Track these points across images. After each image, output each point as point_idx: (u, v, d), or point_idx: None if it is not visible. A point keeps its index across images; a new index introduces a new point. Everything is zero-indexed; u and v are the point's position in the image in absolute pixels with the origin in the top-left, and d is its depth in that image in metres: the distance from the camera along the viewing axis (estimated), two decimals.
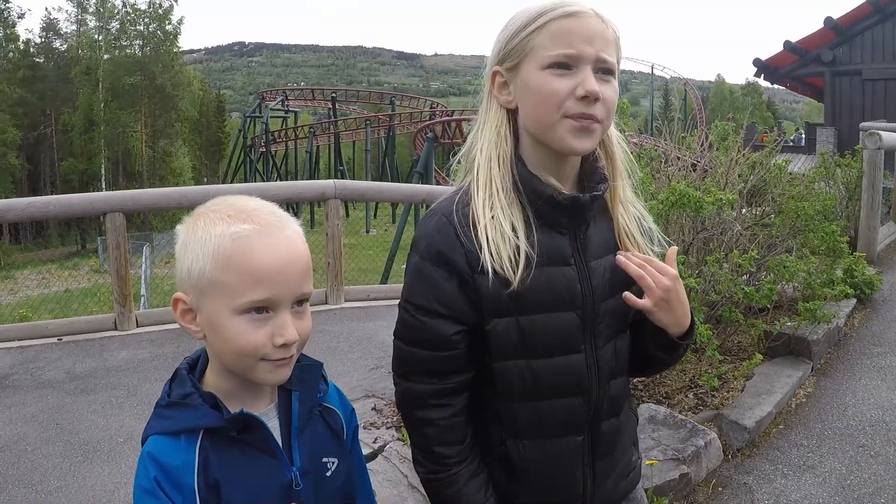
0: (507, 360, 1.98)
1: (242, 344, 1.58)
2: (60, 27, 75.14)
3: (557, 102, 1.86)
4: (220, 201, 1.68)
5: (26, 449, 5.30)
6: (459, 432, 2.03)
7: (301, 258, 1.64)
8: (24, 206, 8.35)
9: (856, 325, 7.56)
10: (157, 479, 1.56)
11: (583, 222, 2.00)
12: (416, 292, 1.98)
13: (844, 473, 4.91)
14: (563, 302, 1.96)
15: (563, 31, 1.86)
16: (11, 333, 7.94)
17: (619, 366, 2.11)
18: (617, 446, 2.16)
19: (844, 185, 11.26)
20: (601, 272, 2.01)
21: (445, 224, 1.94)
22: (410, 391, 2.04)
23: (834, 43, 30.44)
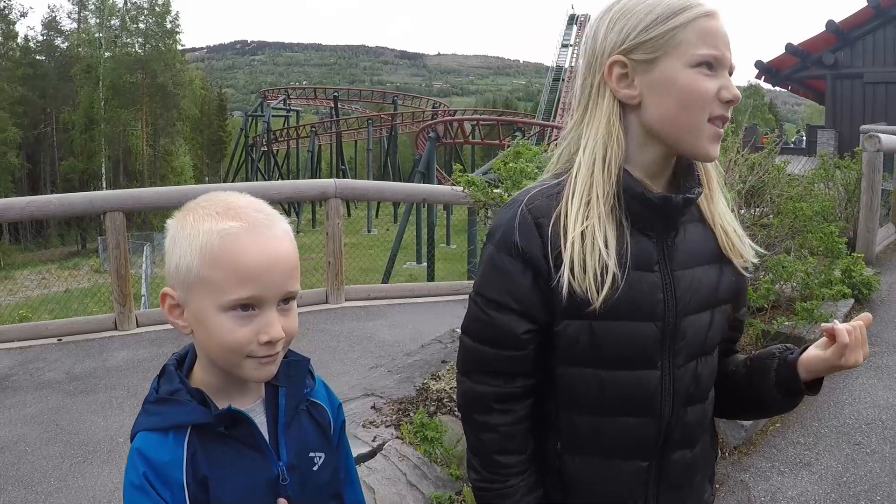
0: (573, 366, 1.86)
1: (228, 340, 1.58)
2: (61, 25, 75.07)
3: (705, 103, 1.76)
4: (210, 197, 1.67)
5: (26, 450, 5.32)
6: (520, 441, 1.92)
7: (288, 256, 1.63)
8: (23, 204, 8.37)
9: None
10: (146, 475, 1.57)
11: (673, 226, 1.86)
12: (489, 285, 1.88)
13: (840, 471, 4.93)
14: (643, 311, 1.81)
15: (709, 30, 1.76)
16: (11, 334, 7.97)
17: (699, 391, 1.94)
18: (688, 481, 2.00)
19: (844, 186, 11.31)
20: (688, 284, 1.86)
21: (525, 214, 1.82)
22: (473, 392, 1.94)
23: (835, 46, 30.43)
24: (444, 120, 50.37)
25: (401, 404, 5.31)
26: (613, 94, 1.81)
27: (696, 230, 1.91)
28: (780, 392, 1.94)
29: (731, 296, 1.96)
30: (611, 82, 1.81)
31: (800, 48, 31.59)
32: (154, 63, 71.79)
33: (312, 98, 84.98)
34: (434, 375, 5.87)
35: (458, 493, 4.36)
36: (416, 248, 34.73)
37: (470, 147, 57.60)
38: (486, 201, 5.89)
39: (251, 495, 1.66)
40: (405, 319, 8.54)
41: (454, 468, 4.53)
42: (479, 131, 48.84)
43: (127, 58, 71.84)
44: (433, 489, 4.30)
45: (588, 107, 1.86)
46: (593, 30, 1.86)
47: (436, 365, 6.12)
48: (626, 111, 1.83)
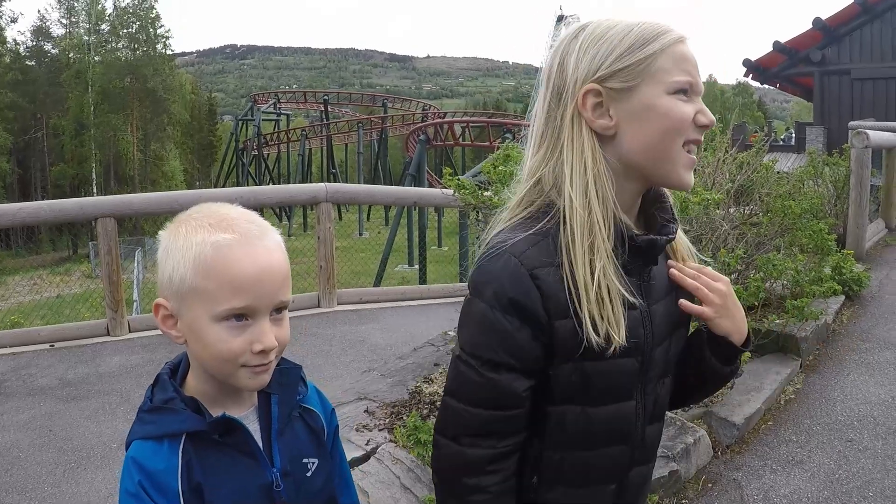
0: (561, 404, 1.81)
1: (222, 350, 1.60)
2: (51, 30, 74.96)
3: (683, 129, 1.73)
4: (202, 209, 1.69)
5: (19, 456, 5.32)
6: (510, 497, 1.84)
7: (280, 267, 1.65)
8: (15, 211, 8.36)
9: (844, 322, 7.61)
10: (142, 483, 1.58)
11: (651, 265, 1.85)
12: (484, 345, 1.75)
13: (833, 468, 4.94)
14: (628, 348, 1.75)
15: (683, 56, 1.74)
16: (3, 340, 7.96)
17: (657, 410, 1.96)
18: (640, 496, 2.04)
19: (833, 183, 11.33)
20: (661, 316, 1.86)
21: (517, 266, 1.71)
22: (462, 456, 1.80)
23: (823, 43, 30.48)
24: (434, 122, 50.51)
25: (394, 408, 5.32)
26: (588, 124, 1.75)
27: (661, 262, 1.91)
28: (719, 360, 1.94)
29: (686, 317, 1.97)
30: (585, 112, 1.75)
31: (787, 46, 31.65)
32: (143, 68, 71.78)
33: (302, 102, 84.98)
34: (427, 378, 5.87)
35: None
36: (407, 250, 34.73)
37: (460, 149, 57.69)
38: (476, 204, 5.90)
39: (246, 502, 1.67)
40: (397, 323, 8.55)
41: None
42: (469, 133, 48.95)
43: (116, 63, 71.80)
44: (427, 492, 4.30)
45: (562, 139, 1.78)
46: (560, 57, 1.80)
47: (428, 368, 6.13)
48: (601, 142, 1.77)
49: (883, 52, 29.20)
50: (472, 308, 1.77)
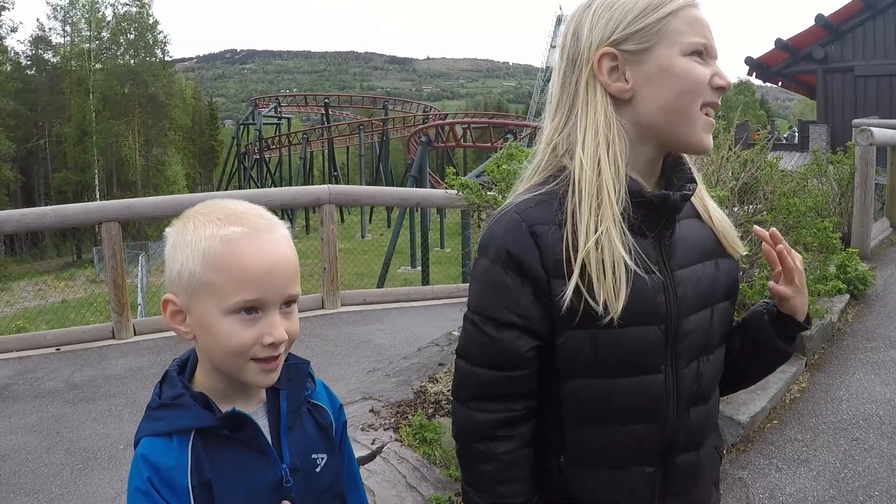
0: (577, 378, 1.77)
1: (232, 343, 1.60)
2: (50, 38, 75.00)
3: (701, 90, 1.73)
4: (210, 205, 1.68)
5: (27, 458, 5.33)
6: (524, 468, 1.82)
7: (289, 260, 1.65)
8: (19, 216, 8.38)
9: (849, 321, 7.61)
10: (151, 479, 1.58)
11: (670, 224, 1.80)
12: (487, 302, 1.77)
13: (838, 467, 4.94)
14: (646, 314, 1.73)
15: (696, 19, 1.74)
16: (10, 344, 7.97)
17: (702, 392, 1.86)
18: (695, 484, 1.91)
19: (837, 181, 11.31)
20: (688, 283, 1.80)
21: (518, 222, 1.73)
22: (472, 420, 1.82)
23: (825, 40, 30.44)
24: (435, 124, 50.44)
25: (399, 407, 5.33)
26: (605, 88, 1.76)
27: (692, 226, 1.87)
28: (783, 340, 1.91)
29: (730, 291, 1.91)
30: (601, 76, 1.75)
31: (789, 43, 31.61)
32: (144, 74, 71.81)
33: (303, 105, 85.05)
34: (431, 378, 5.88)
35: (457, 494, 4.36)
36: (410, 252, 34.74)
37: (462, 150, 57.68)
38: (480, 203, 5.90)
39: (255, 498, 1.67)
40: (401, 323, 8.56)
41: (453, 469, 4.54)
42: (470, 134, 48.88)
43: (117, 69, 71.89)
44: (432, 491, 4.31)
45: (576, 105, 1.78)
46: (574, 25, 1.81)
47: (433, 368, 6.14)
48: (617, 105, 1.77)
49: (886, 48, 29.13)
50: (477, 266, 1.81)
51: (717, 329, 1.87)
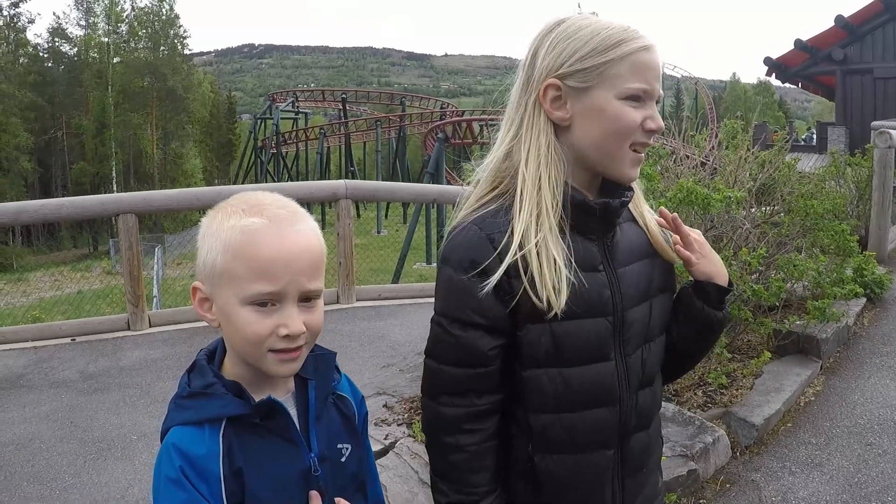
0: (538, 368, 1.91)
1: (248, 333, 1.61)
2: (68, 31, 75.33)
3: (629, 133, 1.88)
4: (240, 196, 1.71)
5: (41, 447, 5.35)
6: (490, 458, 1.96)
7: (309, 252, 1.65)
8: (37, 207, 8.41)
9: (865, 325, 7.57)
10: (183, 468, 1.59)
11: (611, 228, 1.99)
12: (451, 305, 1.92)
13: (852, 471, 4.92)
14: (594, 308, 1.91)
15: (642, 63, 1.88)
16: (25, 334, 8.00)
17: (647, 376, 2.06)
18: (647, 463, 2.12)
19: (855, 184, 11.25)
20: (630, 279, 1.99)
21: (477, 232, 1.88)
22: (440, 415, 1.96)
23: (845, 41, 30.33)
24: (452, 121, 50.30)
25: (412, 403, 5.33)
26: (547, 114, 1.93)
27: (630, 229, 2.07)
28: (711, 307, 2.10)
29: (665, 285, 2.12)
30: (545, 104, 1.92)
31: (809, 44, 31.53)
32: (163, 67, 72.10)
33: (320, 100, 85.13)
34: None
35: None
36: (425, 248, 34.76)
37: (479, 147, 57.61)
38: None
39: (285, 487, 1.69)
40: (416, 319, 8.54)
41: None
42: (487, 131, 48.77)
43: (136, 62, 72.23)
44: None
45: (524, 124, 1.95)
46: (534, 47, 1.97)
47: None
48: (559, 130, 1.94)
49: None
50: (442, 274, 1.96)
51: (656, 319, 2.08)
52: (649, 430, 2.10)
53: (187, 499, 1.58)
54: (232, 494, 1.62)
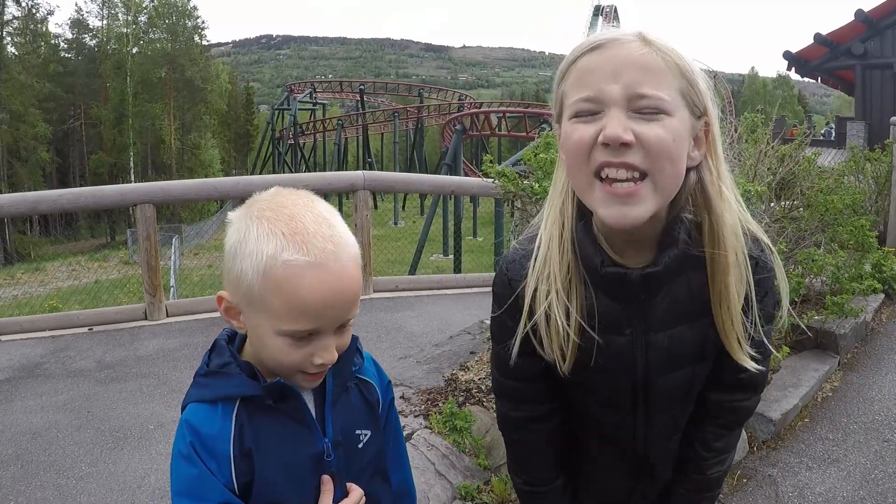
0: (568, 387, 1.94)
1: (281, 360, 1.62)
2: (88, 22, 75.61)
3: (583, 154, 1.58)
4: (277, 205, 1.61)
5: (58, 436, 5.37)
6: (551, 455, 2.08)
7: (350, 289, 1.61)
8: (55, 197, 8.44)
9: (883, 321, 7.54)
10: (194, 445, 1.60)
11: (636, 297, 1.73)
12: (494, 332, 1.97)
13: (869, 468, 4.90)
14: (614, 369, 1.81)
15: (584, 71, 1.59)
16: (43, 323, 8.03)
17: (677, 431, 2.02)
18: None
19: (874, 179, 11.20)
20: (664, 345, 1.78)
21: (503, 276, 1.88)
22: (503, 414, 2.08)
23: (865, 36, 30.15)
24: (470, 112, 50.31)
25: (429, 394, 5.33)
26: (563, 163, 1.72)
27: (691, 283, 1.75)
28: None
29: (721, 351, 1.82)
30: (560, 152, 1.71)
31: (829, 38, 31.33)
32: (181, 58, 72.31)
33: (338, 91, 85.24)
34: (463, 366, 5.88)
35: (486, 482, 4.36)
36: (442, 240, 34.70)
37: (497, 139, 57.56)
38: (516, 192, 5.88)
39: (295, 470, 1.69)
40: (433, 311, 8.55)
41: (482, 458, 4.54)
42: (505, 123, 48.73)
43: (154, 53, 72.45)
44: (461, 479, 4.31)
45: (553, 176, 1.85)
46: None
47: (464, 356, 6.14)
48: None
49: None
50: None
51: (698, 383, 1.92)
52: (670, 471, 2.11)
53: (197, 474, 1.60)
54: (241, 474, 1.63)
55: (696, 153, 1.66)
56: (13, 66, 63.70)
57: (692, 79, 1.59)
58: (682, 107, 1.58)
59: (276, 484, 1.67)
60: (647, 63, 1.54)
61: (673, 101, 1.55)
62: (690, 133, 1.61)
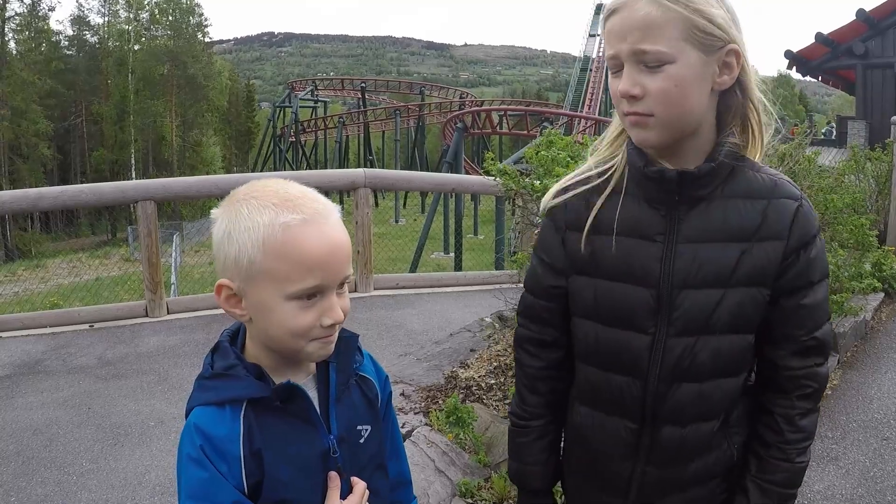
0: (580, 318, 2.01)
1: (293, 326, 1.63)
2: (89, 19, 75.57)
3: (617, 101, 1.83)
4: (260, 187, 1.69)
5: (58, 432, 5.38)
6: (545, 386, 2.14)
7: (345, 244, 1.68)
8: (56, 193, 8.45)
9: (883, 319, 7.55)
10: (203, 448, 1.61)
11: (684, 200, 1.84)
12: (538, 244, 2.12)
13: (868, 465, 4.92)
14: (635, 276, 1.87)
15: (607, 33, 1.80)
16: (44, 320, 8.05)
17: (694, 370, 1.88)
18: (678, 462, 1.97)
19: (874, 178, 11.21)
20: (693, 257, 1.84)
21: (557, 186, 2.06)
22: (518, 332, 2.19)
23: (866, 35, 30.06)
24: (471, 110, 50.28)
25: (429, 392, 5.35)
26: None
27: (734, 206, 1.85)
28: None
29: (753, 279, 1.85)
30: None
31: (830, 37, 31.22)
32: (183, 55, 72.30)
33: (340, 89, 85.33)
34: (463, 364, 5.89)
35: (486, 479, 4.38)
36: (443, 238, 34.70)
37: (498, 137, 57.55)
38: (517, 190, 5.88)
39: (304, 468, 1.70)
40: (433, 308, 8.56)
41: (482, 455, 4.55)
42: (506, 122, 48.70)
43: (156, 50, 72.46)
44: (461, 476, 4.32)
45: None
46: None
47: (464, 353, 6.15)
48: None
49: None
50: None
51: (726, 312, 1.86)
52: (684, 430, 1.93)
53: (208, 478, 1.61)
54: (251, 474, 1.64)
55: (726, 77, 1.81)
56: (15, 63, 63.69)
57: (700, 19, 1.74)
58: (689, 49, 1.75)
59: (285, 482, 1.68)
60: (647, 21, 1.72)
61: (674, 49, 1.73)
62: (705, 68, 1.78)
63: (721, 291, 1.84)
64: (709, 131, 1.86)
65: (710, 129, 1.86)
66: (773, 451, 1.96)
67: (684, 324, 1.86)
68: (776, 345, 1.93)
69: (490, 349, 6.24)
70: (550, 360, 2.13)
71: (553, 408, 2.16)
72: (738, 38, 1.79)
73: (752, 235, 1.84)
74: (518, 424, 2.19)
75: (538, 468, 2.19)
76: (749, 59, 1.84)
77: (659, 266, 1.86)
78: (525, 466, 2.20)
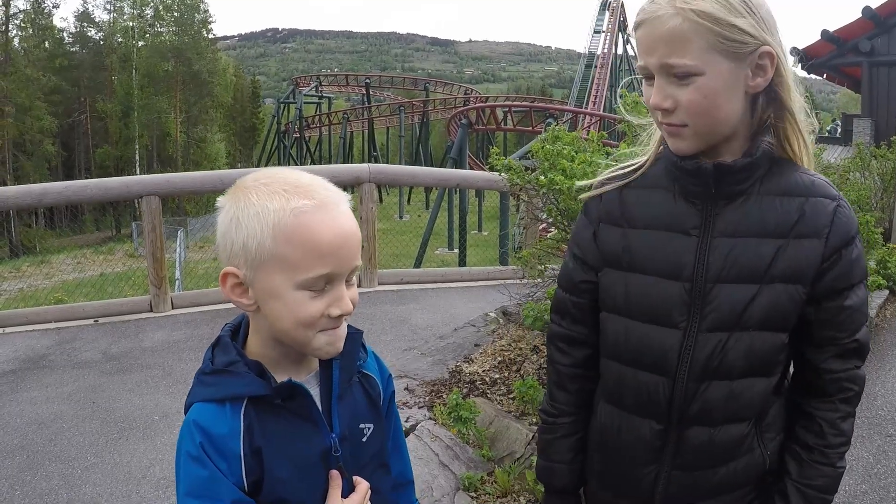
0: (609, 312, 2.01)
1: (301, 315, 1.60)
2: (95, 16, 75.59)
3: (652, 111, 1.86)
4: (269, 175, 1.65)
5: (63, 427, 5.39)
6: (573, 384, 2.15)
7: (356, 233, 1.65)
8: (61, 189, 8.48)
9: (888, 317, 7.54)
10: (203, 445, 1.59)
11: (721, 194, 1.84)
12: (571, 235, 2.15)
13: (871, 462, 4.91)
14: (668, 270, 1.87)
15: (637, 44, 1.81)
16: (48, 315, 8.07)
17: (725, 367, 1.85)
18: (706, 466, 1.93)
19: (880, 176, 11.20)
20: (727, 251, 1.83)
21: (596, 183, 2.09)
22: (550, 328, 2.22)
23: (872, 33, 29.97)
24: (476, 107, 50.19)
25: (433, 386, 5.35)
26: None
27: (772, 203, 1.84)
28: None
29: (789, 276, 1.82)
30: None
31: (835, 35, 31.12)
32: (188, 51, 72.29)
33: (344, 85, 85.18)
34: (467, 358, 5.90)
35: (489, 473, 4.38)
36: (447, 234, 34.71)
37: (502, 134, 57.49)
38: (522, 185, 5.88)
39: (305, 467, 1.69)
40: (438, 304, 8.56)
41: (486, 449, 4.55)
42: (511, 118, 48.66)
43: (161, 46, 72.45)
44: (465, 470, 4.33)
45: None
46: None
47: (468, 348, 6.15)
48: None
49: None
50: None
51: (758, 309, 1.82)
52: (715, 431, 1.89)
53: (208, 476, 1.59)
54: (251, 472, 1.63)
55: (759, 80, 1.79)
56: (19, 60, 63.70)
57: (727, 28, 1.72)
58: (718, 59, 1.73)
59: (285, 481, 1.67)
60: (673, 34, 1.72)
61: (702, 61, 1.73)
62: (736, 75, 1.77)
63: (755, 287, 1.83)
64: (746, 131, 1.86)
65: (746, 129, 1.86)
66: (816, 455, 1.93)
67: (717, 318, 1.84)
68: (819, 348, 1.91)
69: (494, 344, 6.24)
70: (579, 357, 2.14)
71: (581, 407, 2.17)
72: (770, 41, 1.77)
73: (788, 232, 1.83)
74: (546, 421, 2.21)
75: (564, 466, 2.18)
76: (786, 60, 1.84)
77: (693, 259, 1.86)
78: (551, 464, 2.21)
